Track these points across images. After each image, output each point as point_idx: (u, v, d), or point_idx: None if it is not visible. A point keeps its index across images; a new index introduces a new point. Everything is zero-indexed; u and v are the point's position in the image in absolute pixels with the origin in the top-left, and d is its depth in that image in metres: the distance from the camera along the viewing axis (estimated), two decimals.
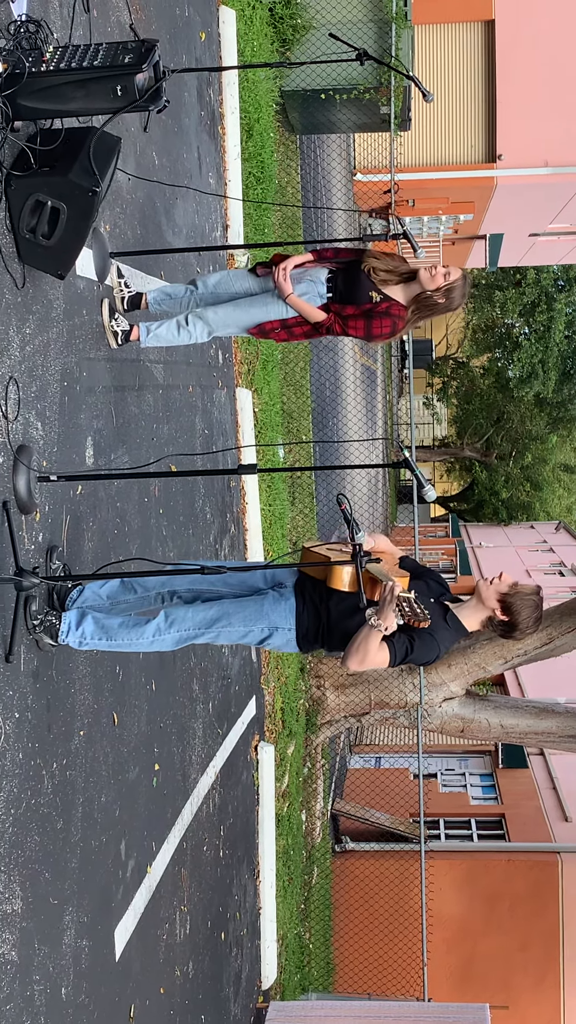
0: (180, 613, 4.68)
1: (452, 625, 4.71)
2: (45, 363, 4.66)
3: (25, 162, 4.16)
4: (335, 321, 5.56)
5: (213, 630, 4.69)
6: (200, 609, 4.70)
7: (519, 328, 39.98)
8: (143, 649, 4.72)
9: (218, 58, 9.20)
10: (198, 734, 7.54)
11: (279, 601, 4.70)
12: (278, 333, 5.62)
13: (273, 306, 5.59)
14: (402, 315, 5.55)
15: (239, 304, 5.68)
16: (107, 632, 4.60)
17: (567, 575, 30.42)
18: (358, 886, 14.39)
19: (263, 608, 4.69)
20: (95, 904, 5.14)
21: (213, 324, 5.67)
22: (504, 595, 4.67)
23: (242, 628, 4.69)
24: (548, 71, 23.34)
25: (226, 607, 4.71)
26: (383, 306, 5.53)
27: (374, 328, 5.55)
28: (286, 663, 11.53)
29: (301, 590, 4.74)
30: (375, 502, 27.67)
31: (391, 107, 14.82)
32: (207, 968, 7.70)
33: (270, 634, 4.70)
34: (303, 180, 16.05)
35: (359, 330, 5.58)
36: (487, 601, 4.70)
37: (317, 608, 4.69)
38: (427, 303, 5.56)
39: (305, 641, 4.73)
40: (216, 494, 8.52)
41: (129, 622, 4.65)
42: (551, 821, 15.43)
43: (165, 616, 4.67)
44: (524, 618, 4.66)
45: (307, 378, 15.26)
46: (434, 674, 12.24)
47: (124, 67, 3.96)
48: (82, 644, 4.60)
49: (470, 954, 14.40)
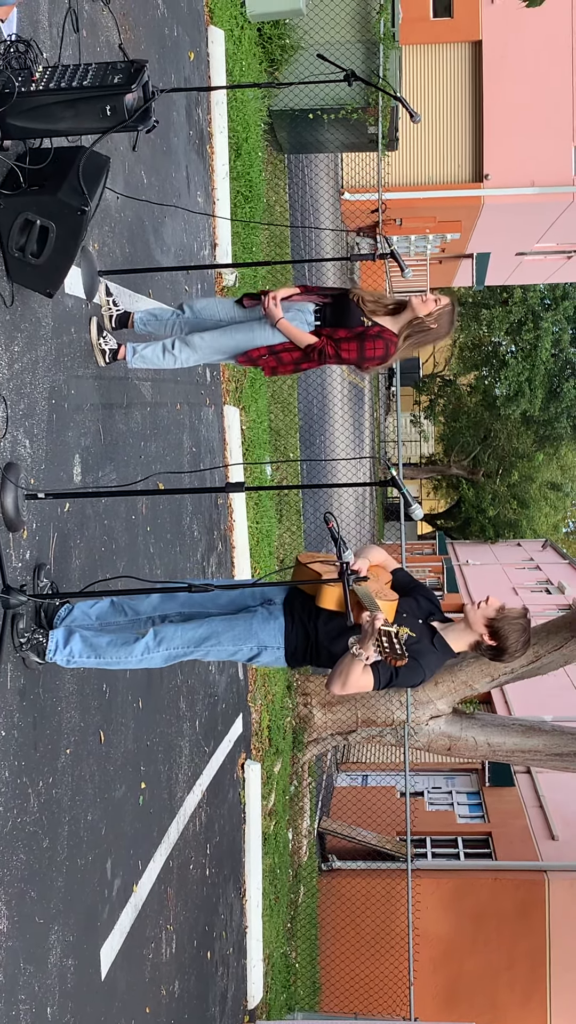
0: (169, 632, 4.68)
1: (439, 647, 4.70)
2: (33, 381, 4.66)
3: (14, 181, 4.17)
4: (327, 343, 5.54)
5: (202, 648, 4.69)
6: (189, 627, 4.70)
7: (506, 346, 40.14)
8: (132, 667, 4.71)
9: (207, 78, 9.24)
10: (185, 752, 7.52)
11: (268, 620, 4.70)
12: (266, 360, 5.60)
13: (260, 331, 5.59)
14: (394, 340, 5.56)
15: (225, 331, 5.68)
16: (95, 650, 4.59)
17: (554, 593, 30.47)
18: (344, 905, 14.36)
19: (252, 627, 4.69)
20: (81, 923, 5.12)
21: (200, 351, 5.67)
22: (492, 620, 4.65)
23: (231, 647, 4.69)
24: (535, 92, 23.51)
25: (215, 625, 4.70)
26: (375, 330, 5.54)
27: (367, 350, 5.53)
28: (273, 681, 11.52)
29: (290, 608, 4.74)
30: (362, 520, 27.70)
31: (379, 127, 14.90)
32: (193, 987, 7.67)
33: (259, 652, 4.70)
34: (291, 199, 16.12)
35: (352, 352, 5.55)
36: (475, 626, 4.69)
37: (306, 626, 4.69)
38: (420, 328, 5.57)
39: (293, 659, 4.73)
40: (204, 512, 8.53)
41: (118, 640, 4.65)
42: (538, 839, 15.42)
43: (154, 634, 4.66)
44: (512, 642, 4.65)
45: (295, 396, 15.30)
46: (421, 692, 12.24)
47: (113, 87, 3.98)
48: (70, 662, 4.59)
49: (457, 973, 14.36)
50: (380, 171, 16.19)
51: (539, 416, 39.18)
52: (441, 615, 4.86)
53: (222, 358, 5.76)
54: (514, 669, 11.94)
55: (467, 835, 16.05)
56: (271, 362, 5.60)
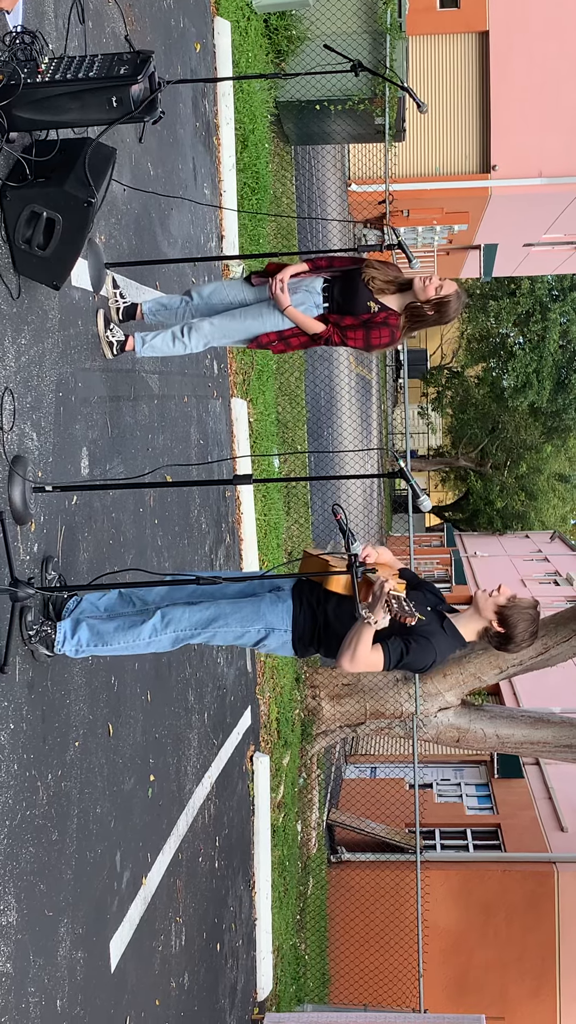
0: (176, 613, 4.67)
1: (450, 633, 4.70)
2: (40, 374, 4.65)
3: (21, 173, 4.16)
4: (333, 332, 5.56)
5: (209, 630, 4.68)
6: (196, 609, 4.69)
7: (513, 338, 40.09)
8: (140, 651, 4.70)
9: (213, 69, 9.22)
10: (193, 744, 7.52)
11: (276, 603, 4.69)
12: (275, 345, 5.62)
13: (269, 317, 5.58)
14: (398, 324, 5.56)
15: (234, 315, 5.67)
16: (103, 637, 4.59)
17: (562, 584, 30.44)
18: (354, 897, 14.37)
19: (260, 609, 4.68)
20: (90, 916, 5.12)
21: (209, 335, 5.67)
22: (502, 607, 4.67)
23: (238, 628, 4.68)
24: (542, 82, 23.42)
25: (223, 607, 4.69)
26: (381, 316, 5.53)
27: (373, 339, 5.55)
28: (281, 673, 11.52)
29: (299, 593, 4.73)
30: (370, 512, 27.68)
31: (385, 118, 14.87)
32: (203, 980, 7.68)
33: (266, 635, 4.68)
34: (298, 191, 16.08)
35: (358, 340, 5.57)
36: (484, 612, 4.70)
37: (314, 611, 4.68)
38: (417, 314, 5.57)
39: (301, 644, 4.71)
40: (211, 504, 8.52)
41: (124, 623, 4.64)
42: (547, 831, 15.42)
43: (161, 616, 4.65)
44: (520, 631, 4.66)
45: (302, 388, 15.28)
46: (429, 684, 12.24)
47: (119, 78, 3.96)
48: (79, 652, 4.59)
49: (466, 965, 14.37)
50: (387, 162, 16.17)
51: (547, 407, 39.15)
52: (448, 607, 4.87)
53: (231, 342, 5.75)
54: (522, 661, 11.93)
55: (476, 827, 16.06)
56: (280, 346, 5.64)
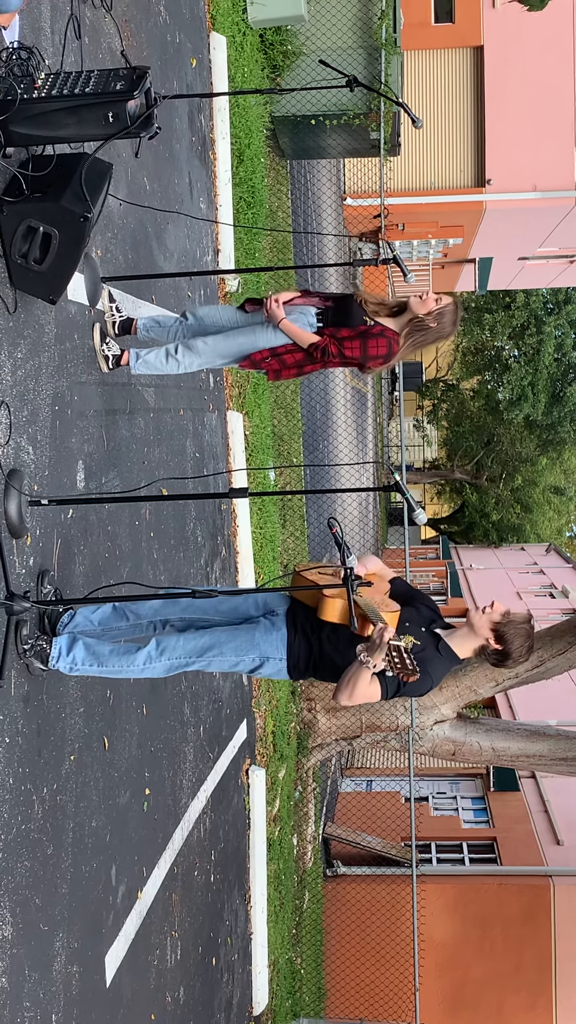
0: (171, 641, 4.67)
1: (444, 654, 4.69)
2: (36, 387, 4.67)
3: (17, 188, 4.18)
4: (330, 342, 5.54)
5: (204, 659, 4.68)
6: (192, 637, 4.69)
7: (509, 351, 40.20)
8: (134, 676, 4.71)
9: (209, 84, 9.25)
10: (189, 758, 7.51)
11: (271, 631, 4.69)
12: (269, 363, 5.59)
13: (262, 334, 5.59)
14: (396, 339, 5.57)
15: (228, 334, 5.69)
16: (98, 658, 4.59)
17: (558, 597, 30.44)
18: (349, 910, 14.34)
19: (254, 638, 4.68)
20: (86, 930, 5.11)
21: (203, 355, 5.67)
22: (497, 624, 4.66)
23: (233, 657, 4.68)
24: (536, 96, 23.53)
25: (217, 636, 4.69)
26: (377, 328, 5.55)
27: (370, 348, 5.53)
28: (277, 686, 11.51)
29: (293, 619, 4.72)
30: (366, 524, 27.70)
31: (380, 132, 14.93)
32: (198, 994, 7.66)
33: (261, 664, 4.69)
34: (293, 205, 16.13)
35: (355, 350, 5.54)
36: (479, 631, 4.68)
37: (308, 638, 4.67)
38: (419, 327, 5.58)
39: (296, 671, 4.71)
40: (207, 517, 8.53)
41: (120, 649, 4.64)
42: (543, 844, 15.40)
43: (156, 644, 4.66)
44: (517, 647, 4.65)
45: (298, 401, 15.30)
46: (425, 697, 12.23)
47: (116, 94, 3.99)
48: (72, 670, 4.59)
49: (462, 979, 14.33)
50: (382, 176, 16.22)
51: (542, 420, 39.20)
52: (442, 622, 4.86)
53: (225, 362, 5.75)
54: (518, 674, 11.92)
55: (472, 840, 16.04)
56: (274, 364, 5.60)
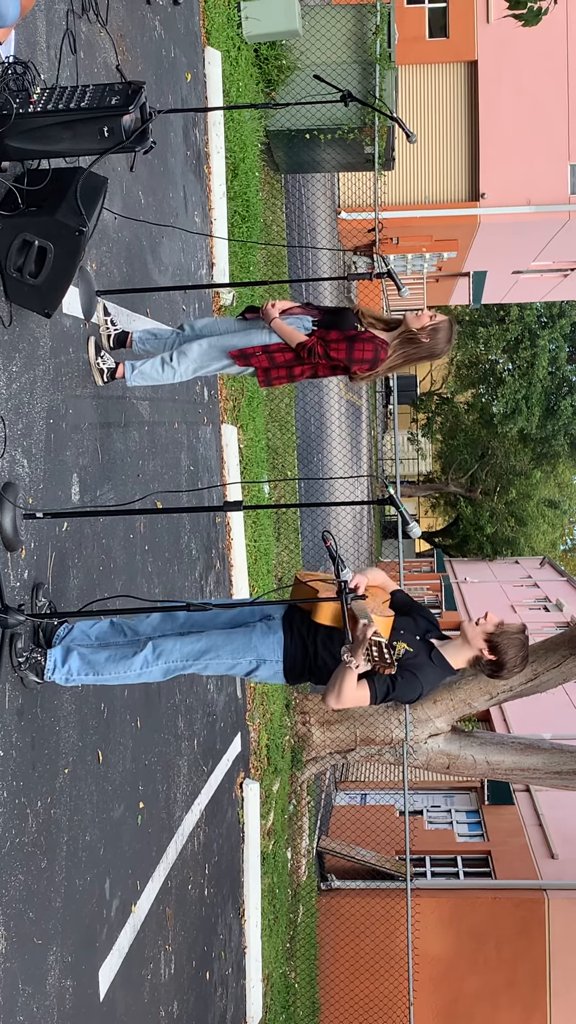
0: (168, 645, 4.68)
1: (437, 663, 4.71)
2: (31, 400, 4.67)
3: (12, 202, 4.19)
4: (317, 342, 5.56)
5: (201, 662, 4.69)
6: (188, 641, 4.70)
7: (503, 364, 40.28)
8: (131, 681, 4.71)
9: (204, 98, 9.29)
10: (183, 771, 7.50)
11: (267, 634, 4.71)
12: (259, 358, 5.61)
13: (256, 334, 5.63)
14: (385, 346, 5.59)
15: (222, 337, 5.72)
16: (94, 667, 4.59)
17: (552, 610, 30.45)
18: (344, 924, 14.30)
19: (251, 640, 4.70)
20: (79, 944, 5.10)
21: (197, 359, 5.69)
22: (490, 635, 4.67)
23: (230, 660, 4.69)
24: (530, 111, 23.63)
25: (214, 639, 4.71)
26: (367, 334, 5.58)
27: (356, 351, 5.55)
28: (271, 699, 11.50)
29: (289, 622, 4.74)
30: (360, 538, 27.70)
31: (375, 147, 14.98)
32: (192, 1008, 7.63)
33: (257, 666, 4.71)
34: (288, 218, 16.17)
35: (341, 352, 5.57)
36: (473, 641, 4.71)
37: (304, 641, 4.70)
38: (411, 340, 5.60)
39: (292, 674, 4.73)
40: (202, 530, 8.53)
41: (116, 655, 4.65)
42: (537, 858, 15.37)
43: (153, 647, 4.66)
44: (511, 658, 4.67)
45: (292, 414, 15.32)
46: (420, 710, 12.23)
47: (111, 108, 4.00)
48: (68, 680, 4.59)
49: (456, 993, 14.29)
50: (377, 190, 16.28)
51: (536, 434, 39.29)
52: (439, 633, 4.87)
53: (219, 366, 5.75)
54: (513, 687, 11.92)
55: (466, 854, 16.00)
56: (263, 361, 5.61)
